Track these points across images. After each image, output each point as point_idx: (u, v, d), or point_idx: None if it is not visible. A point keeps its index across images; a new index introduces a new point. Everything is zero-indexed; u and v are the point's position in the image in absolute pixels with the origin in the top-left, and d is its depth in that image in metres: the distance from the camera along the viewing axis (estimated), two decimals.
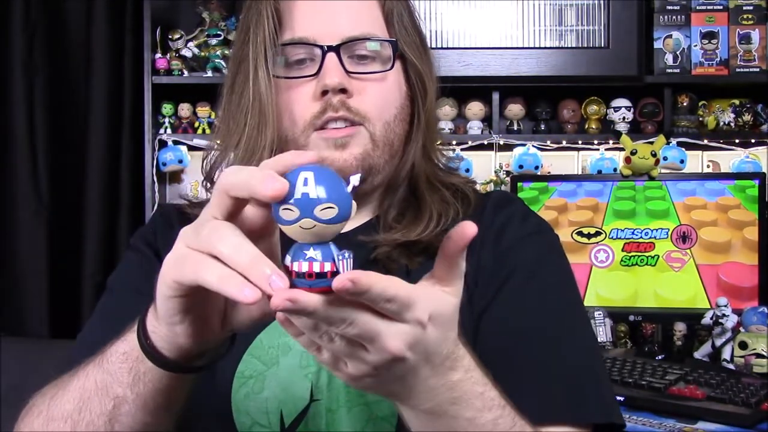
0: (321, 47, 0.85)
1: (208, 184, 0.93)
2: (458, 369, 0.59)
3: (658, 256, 2.05)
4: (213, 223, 0.54)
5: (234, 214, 0.55)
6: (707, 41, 2.27)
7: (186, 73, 2.33)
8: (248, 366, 0.83)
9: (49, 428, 0.69)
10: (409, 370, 0.55)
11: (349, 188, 0.52)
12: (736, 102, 2.32)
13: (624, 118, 2.34)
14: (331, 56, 0.84)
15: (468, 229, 0.53)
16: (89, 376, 0.67)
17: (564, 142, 2.34)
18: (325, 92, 0.84)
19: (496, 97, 2.33)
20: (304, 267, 0.51)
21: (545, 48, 2.23)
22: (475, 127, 2.37)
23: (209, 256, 0.53)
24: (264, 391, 0.82)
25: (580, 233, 2.09)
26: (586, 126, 2.36)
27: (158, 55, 2.31)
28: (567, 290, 0.89)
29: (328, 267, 0.51)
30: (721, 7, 2.28)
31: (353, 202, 0.52)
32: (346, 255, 0.52)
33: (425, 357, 0.55)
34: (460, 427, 0.61)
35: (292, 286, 0.51)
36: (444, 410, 0.60)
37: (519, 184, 2.14)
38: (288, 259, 0.52)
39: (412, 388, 0.58)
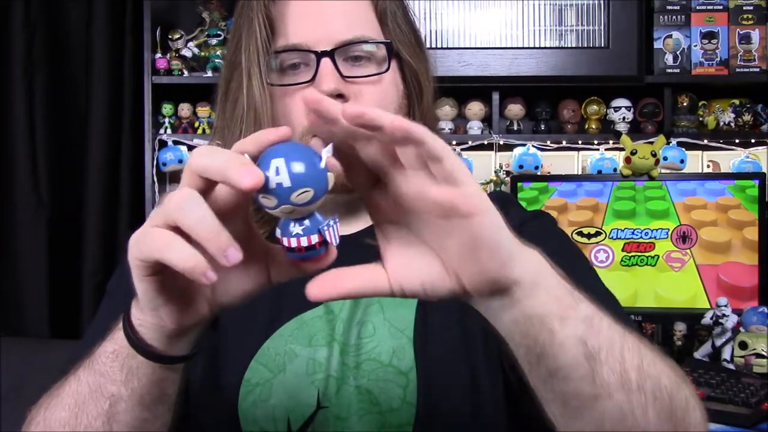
0: (315, 53, 0.84)
1: None
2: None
3: (658, 256, 2.05)
4: (181, 192, 0.53)
5: (205, 193, 0.54)
6: (707, 41, 2.27)
7: (186, 73, 2.32)
8: (255, 373, 0.83)
9: None
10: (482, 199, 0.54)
11: (322, 164, 0.53)
12: (736, 102, 2.32)
13: (624, 118, 2.34)
14: (326, 62, 0.84)
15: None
16: (81, 380, 0.67)
17: (564, 142, 2.34)
18: None
19: (496, 97, 2.33)
20: (293, 243, 0.54)
21: (545, 48, 2.23)
22: (475, 127, 2.37)
23: (172, 230, 0.52)
24: (271, 399, 0.81)
25: (580, 233, 2.09)
26: (586, 126, 2.36)
27: (158, 55, 2.31)
28: (581, 259, 0.92)
29: (315, 239, 0.54)
30: (721, 7, 2.28)
31: (329, 174, 0.53)
32: (331, 222, 0.54)
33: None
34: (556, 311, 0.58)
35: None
36: (542, 279, 0.58)
37: (519, 184, 2.15)
38: (278, 232, 0.55)
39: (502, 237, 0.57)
